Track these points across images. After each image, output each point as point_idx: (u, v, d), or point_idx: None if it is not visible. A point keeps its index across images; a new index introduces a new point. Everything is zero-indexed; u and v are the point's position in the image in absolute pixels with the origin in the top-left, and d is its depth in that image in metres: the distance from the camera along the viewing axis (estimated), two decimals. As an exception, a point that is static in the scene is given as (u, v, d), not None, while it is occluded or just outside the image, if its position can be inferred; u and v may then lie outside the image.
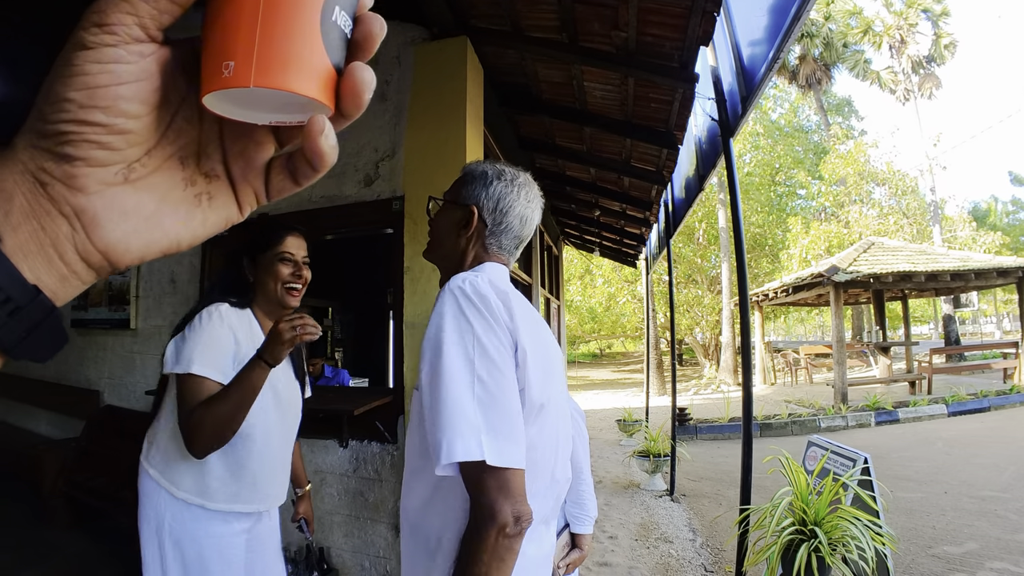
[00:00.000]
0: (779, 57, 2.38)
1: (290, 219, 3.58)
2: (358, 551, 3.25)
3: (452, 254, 1.30)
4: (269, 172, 0.39)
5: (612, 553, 4.15)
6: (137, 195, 0.34)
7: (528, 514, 0.94)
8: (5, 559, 3.71)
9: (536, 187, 1.35)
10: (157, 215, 0.35)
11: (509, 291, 1.12)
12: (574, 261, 19.74)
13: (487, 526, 0.90)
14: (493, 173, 1.29)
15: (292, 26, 0.32)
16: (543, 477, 1.10)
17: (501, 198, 1.26)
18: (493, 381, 0.98)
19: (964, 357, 17.44)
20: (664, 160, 4.94)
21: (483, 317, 1.02)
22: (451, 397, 0.95)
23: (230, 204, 0.39)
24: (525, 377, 1.04)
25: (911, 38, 23.32)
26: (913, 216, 22.45)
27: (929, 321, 40.27)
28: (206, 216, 0.37)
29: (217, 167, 0.38)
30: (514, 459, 0.93)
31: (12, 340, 0.31)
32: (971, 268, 11.41)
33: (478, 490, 0.93)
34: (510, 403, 0.98)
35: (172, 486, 1.60)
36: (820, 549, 2.66)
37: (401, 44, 3.52)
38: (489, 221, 1.26)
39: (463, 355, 0.99)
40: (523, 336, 1.05)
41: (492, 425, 0.94)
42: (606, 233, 9.08)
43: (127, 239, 0.34)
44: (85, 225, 0.32)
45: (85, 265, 0.33)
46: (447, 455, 0.91)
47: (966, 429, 8.36)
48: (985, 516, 4.54)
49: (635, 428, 8.69)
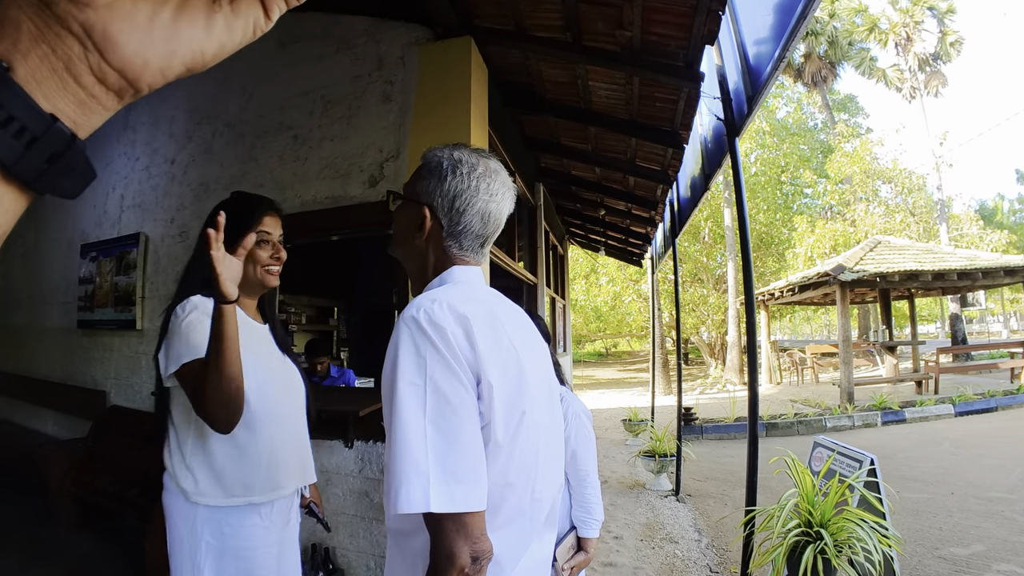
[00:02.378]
0: (785, 56, 2.37)
1: (295, 220, 3.58)
2: (363, 551, 3.26)
3: (412, 256, 1.21)
4: None
5: (617, 553, 4.14)
6: (150, 3, 0.31)
7: (488, 551, 0.93)
8: (13, 558, 3.73)
9: (502, 175, 1.19)
10: (174, 24, 0.32)
11: (471, 313, 1.01)
12: (579, 260, 19.74)
13: (447, 568, 0.89)
14: (449, 165, 1.15)
15: None
16: (521, 501, 1.06)
17: (457, 195, 1.13)
18: (447, 423, 0.93)
19: (971, 357, 17.35)
20: (669, 159, 4.92)
21: (438, 352, 0.96)
22: (402, 443, 0.92)
23: (255, 5, 0.36)
24: (490, 411, 0.98)
25: (917, 35, 23.22)
26: (919, 214, 22.36)
27: (936, 320, 40.06)
28: (230, 22, 0.35)
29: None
30: (468, 502, 0.91)
31: (32, 172, 0.30)
32: (978, 267, 11.34)
33: (437, 532, 0.92)
34: (467, 444, 0.94)
35: (213, 496, 1.57)
36: (826, 551, 2.65)
37: (405, 44, 3.53)
38: (445, 222, 1.15)
39: (415, 396, 0.94)
40: (487, 367, 0.98)
41: (445, 469, 0.91)
42: (611, 232, 9.08)
43: (144, 52, 0.31)
44: (97, 42, 0.30)
45: (103, 88, 0.31)
46: (395, 505, 0.89)
47: (973, 429, 8.32)
48: (992, 517, 4.52)
49: (641, 428, 8.67)
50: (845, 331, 11.41)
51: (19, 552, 3.82)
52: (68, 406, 5.19)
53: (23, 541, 4.00)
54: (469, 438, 0.95)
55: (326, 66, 3.80)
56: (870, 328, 23.52)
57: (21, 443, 5.32)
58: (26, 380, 5.81)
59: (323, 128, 3.71)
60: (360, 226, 3.52)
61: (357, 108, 3.62)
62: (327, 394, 3.69)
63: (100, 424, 4.50)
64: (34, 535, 4.10)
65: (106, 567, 3.69)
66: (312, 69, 3.85)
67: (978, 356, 17.08)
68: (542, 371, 1.16)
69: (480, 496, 0.93)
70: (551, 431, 1.17)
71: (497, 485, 0.99)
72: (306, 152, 3.74)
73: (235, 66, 4.22)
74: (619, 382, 22.01)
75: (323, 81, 3.78)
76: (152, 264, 4.56)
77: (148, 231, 4.59)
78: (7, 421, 6.06)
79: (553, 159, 5.95)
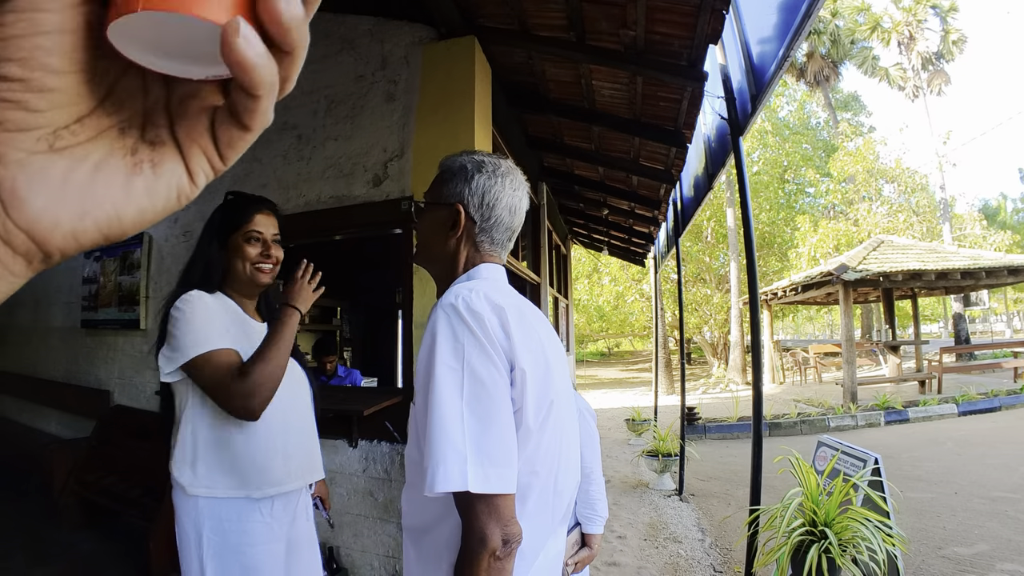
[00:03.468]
0: (789, 55, 2.37)
1: (299, 219, 3.60)
2: (367, 551, 3.26)
3: (442, 257, 1.24)
4: (215, 126, 0.34)
5: (621, 553, 4.14)
6: (65, 163, 0.29)
7: (517, 534, 0.94)
8: (17, 558, 3.74)
9: (519, 173, 1.27)
10: (90, 185, 0.30)
11: (505, 304, 1.05)
12: (582, 260, 19.76)
13: (479, 551, 0.91)
14: (473, 166, 1.21)
15: None
16: (544, 492, 1.09)
17: (486, 191, 1.19)
18: (483, 406, 0.96)
19: (974, 356, 17.32)
20: (673, 159, 4.92)
21: (475, 337, 0.99)
22: (440, 424, 0.94)
23: (178, 171, 0.33)
24: (522, 397, 1.01)
25: (920, 34, 23.21)
26: (923, 214, 22.32)
27: (939, 320, 40.00)
28: (151, 186, 0.32)
29: (163, 133, 0.33)
30: (502, 484, 0.93)
31: None
32: (982, 266, 11.31)
33: (468, 515, 0.94)
34: (501, 427, 0.97)
35: (210, 488, 1.58)
36: (830, 550, 2.65)
37: (409, 44, 3.53)
38: (477, 217, 1.20)
39: (453, 379, 0.97)
40: (520, 354, 1.02)
41: (480, 451, 0.93)
42: (614, 232, 9.07)
43: (54, 211, 0.28)
44: (4, 198, 0.27)
45: (9, 250, 0.28)
46: (431, 484, 0.91)
47: (976, 429, 8.30)
48: (996, 517, 4.51)
49: (644, 427, 8.66)
50: (848, 331, 11.40)
51: (23, 551, 3.83)
52: (72, 406, 5.20)
53: (27, 540, 4.01)
54: (503, 421, 0.98)
55: (330, 66, 3.80)
56: (873, 328, 23.55)
57: (25, 443, 5.33)
58: (30, 380, 5.83)
59: (327, 128, 3.72)
60: (364, 226, 3.53)
61: (361, 108, 3.62)
62: (332, 393, 3.70)
63: (104, 424, 4.50)
64: (38, 534, 4.11)
65: (110, 567, 3.70)
66: (316, 69, 3.85)
67: (981, 356, 17.04)
68: (562, 368, 1.19)
69: (512, 479, 0.95)
70: (571, 427, 1.20)
71: (524, 473, 1.01)
72: (310, 152, 3.75)
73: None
74: (621, 382, 22.00)
75: (327, 81, 3.79)
76: (156, 264, 4.56)
77: (152, 231, 4.59)
78: (12, 421, 6.07)
79: (556, 159, 5.96)
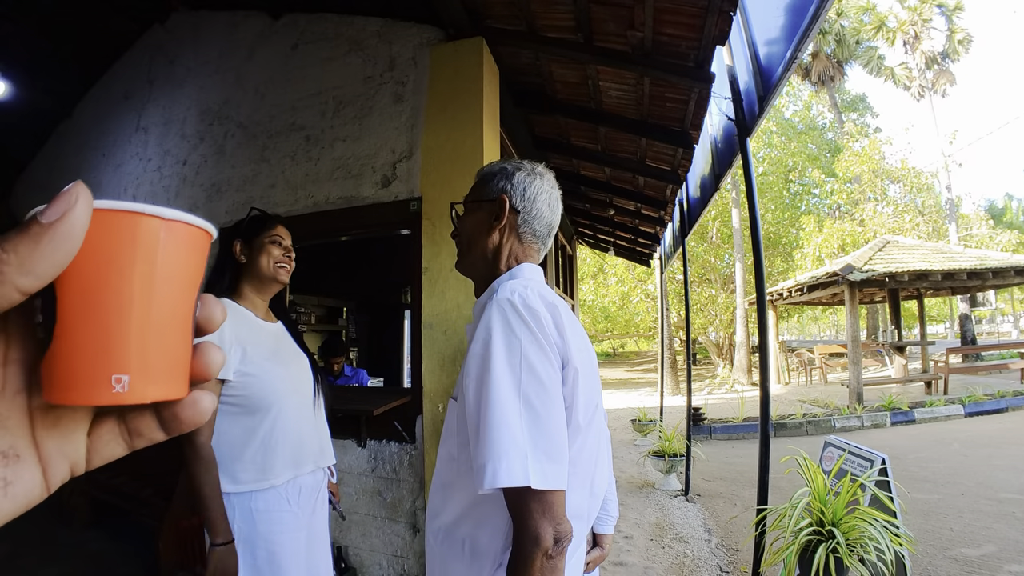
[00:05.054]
0: (797, 57, 2.37)
1: (308, 220, 3.62)
2: (375, 550, 3.27)
3: (485, 254, 1.25)
4: (92, 436, 0.32)
5: (627, 553, 4.15)
6: None
7: (568, 532, 0.94)
8: (27, 556, 3.77)
9: (553, 176, 1.34)
10: None
11: (558, 304, 1.08)
12: (587, 260, 19.71)
13: (533, 550, 0.90)
14: (512, 167, 1.28)
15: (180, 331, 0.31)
16: (582, 492, 1.09)
17: (527, 186, 1.25)
18: (540, 402, 0.96)
19: (981, 357, 17.24)
20: (679, 159, 4.92)
21: (532, 333, 1.00)
22: (497, 418, 0.93)
23: (35, 486, 0.31)
24: (573, 395, 1.02)
25: (925, 33, 23.08)
26: (929, 214, 22.22)
27: (945, 320, 39.84)
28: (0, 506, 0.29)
29: (19, 444, 0.30)
30: (557, 480, 0.93)
31: None
32: (988, 267, 11.27)
33: (522, 513, 0.93)
34: (556, 424, 0.97)
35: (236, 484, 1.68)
36: (838, 550, 2.65)
37: (417, 45, 3.55)
38: (520, 208, 1.24)
39: (510, 374, 0.97)
40: (573, 353, 1.03)
41: (538, 447, 0.93)
42: (620, 232, 9.06)
43: None
44: None
45: None
46: (491, 480, 0.90)
47: (983, 430, 8.27)
48: (1003, 518, 4.50)
49: (649, 428, 8.67)
50: (854, 331, 11.36)
51: (33, 550, 3.85)
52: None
53: (37, 540, 4.04)
54: (558, 418, 0.98)
55: (338, 67, 3.82)
56: (879, 328, 23.44)
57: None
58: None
59: (335, 129, 3.74)
60: (373, 226, 3.54)
61: (369, 109, 3.64)
62: (340, 393, 3.71)
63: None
64: (48, 534, 4.14)
65: (119, 566, 3.73)
66: (324, 70, 3.87)
67: (988, 356, 16.96)
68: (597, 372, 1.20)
69: (564, 475, 0.95)
70: (606, 429, 1.22)
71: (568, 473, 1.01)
72: (318, 153, 3.77)
73: (247, 67, 4.25)
74: (627, 382, 22.00)
75: (335, 82, 3.81)
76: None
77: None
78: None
79: (563, 159, 5.96)
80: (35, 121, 5.76)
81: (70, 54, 5.33)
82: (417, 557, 3.15)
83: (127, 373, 0.28)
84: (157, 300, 0.29)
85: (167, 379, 0.30)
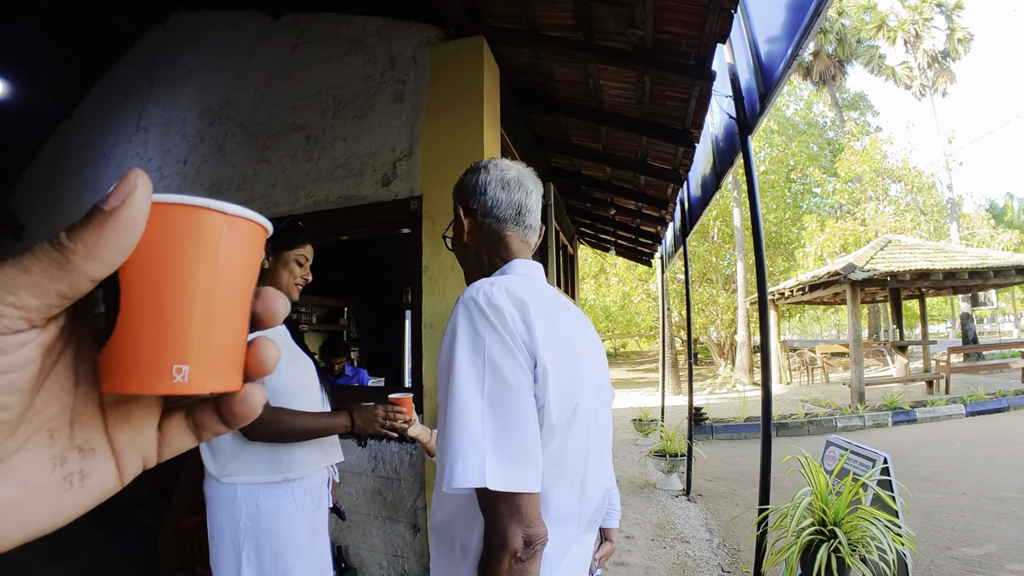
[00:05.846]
0: (798, 55, 2.37)
1: (307, 220, 3.61)
2: (376, 550, 3.27)
3: (472, 263, 1.28)
4: (163, 429, 0.34)
5: (629, 553, 4.14)
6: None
7: (542, 536, 0.92)
8: (26, 555, 3.76)
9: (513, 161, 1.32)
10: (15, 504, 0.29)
11: (528, 298, 1.03)
12: (588, 260, 19.71)
13: (500, 552, 0.89)
14: (467, 177, 1.30)
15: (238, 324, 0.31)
16: (570, 494, 1.07)
17: (474, 184, 1.26)
18: (504, 402, 0.94)
19: (982, 356, 17.21)
20: (680, 158, 4.92)
21: (497, 332, 0.97)
22: (459, 419, 0.92)
23: (109, 478, 0.32)
24: (545, 394, 0.99)
25: (926, 32, 23.08)
26: (930, 213, 22.19)
27: (946, 320, 39.82)
28: (78, 499, 0.31)
29: (94, 438, 0.31)
30: (522, 483, 0.91)
31: None
32: (990, 266, 11.26)
33: (491, 515, 0.92)
34: (522, 424, 0.94)
35: (252, 475, 1.72)
36: (840, 550, 2.64)
37: (417, 44, 3.54)
38: (475, 206, 1.25)
39: (473, 374, 0.95)
40: (543, 350, 0.99)
41: (499, 448, 0.91)
42: (621, 232, 9.06)
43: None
44: None
45: None
46: (449, 480, 0.89)
47: (984, 429, 8.26)
48: (1004, 518, 4.49)
49: (651, 428, 8.67)
50: (856, 330, 11.35)
51: (32, 549, 3.84)
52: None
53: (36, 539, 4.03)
54: (526, 418, 0.95)
55: (338, 66, 3.81)
56: (880, 327, 23.45)
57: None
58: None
59: (335, 128, 3.73)
60: (374, 225, 3.54)
61: (369, 108, 3.64)
62: (341, 393, 3.71)
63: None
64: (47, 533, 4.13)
65: (119, 566, 3.72)
66: (324, 69, 3.87)
67: (989, 356, 16.92)
68: (599, 374, 1.18)
69: (534, 477, 0.93)
70: (602, 433, 1.18)
71: (547, 474, 0.99)
72: (319, 152, 3.76)
73: (248, 67, 4.25)
74: (628, 382, 21.99)
75: (335, 81, 3.80)
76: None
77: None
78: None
79: (564, 159, 5.96)
80: (36, 121, 5.76)
81: (71, 54, 5.33)
82: (417, 557, 3.15)
83: (188, 363, 0.29)
84: (218, 293, 0.30)
85: (225, 371, 0.31)
